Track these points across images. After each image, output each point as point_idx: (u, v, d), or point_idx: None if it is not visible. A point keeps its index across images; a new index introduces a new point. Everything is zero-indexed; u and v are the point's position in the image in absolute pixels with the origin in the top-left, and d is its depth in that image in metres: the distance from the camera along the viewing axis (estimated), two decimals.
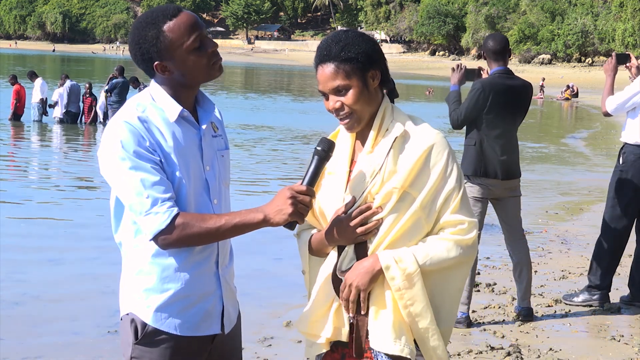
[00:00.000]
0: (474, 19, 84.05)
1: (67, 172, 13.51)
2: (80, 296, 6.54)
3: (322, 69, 2.52)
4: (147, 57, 2.50)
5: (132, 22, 2.72)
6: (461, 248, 2.49)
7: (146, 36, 2.48)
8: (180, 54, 2.48)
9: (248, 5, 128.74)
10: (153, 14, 2.50)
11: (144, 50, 2.49)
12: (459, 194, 2.51)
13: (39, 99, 20.93)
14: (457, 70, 5.94)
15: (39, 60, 74.20)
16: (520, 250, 5.94)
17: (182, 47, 2.47)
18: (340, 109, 2.52)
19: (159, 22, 2.48)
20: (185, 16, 2.49)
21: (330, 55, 2.50)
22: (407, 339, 2.48)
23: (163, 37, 2.47)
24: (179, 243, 2.45)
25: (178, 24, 2.48)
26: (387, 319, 2.48)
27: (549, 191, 12.94)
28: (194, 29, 2.49)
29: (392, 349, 2.46)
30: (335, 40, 2.52)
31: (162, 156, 2.47)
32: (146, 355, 2.54)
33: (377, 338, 2.48)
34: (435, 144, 2.50)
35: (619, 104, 6.26)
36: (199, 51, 2.50)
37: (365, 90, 2.51)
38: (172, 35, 2.47)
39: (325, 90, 2.53)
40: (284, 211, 2.41)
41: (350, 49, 2.49)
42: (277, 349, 5.34)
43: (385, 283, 2.49)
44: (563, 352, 5.30)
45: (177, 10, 2.50)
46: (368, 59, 2.51)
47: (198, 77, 2.54)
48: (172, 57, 2.48)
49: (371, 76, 2.52)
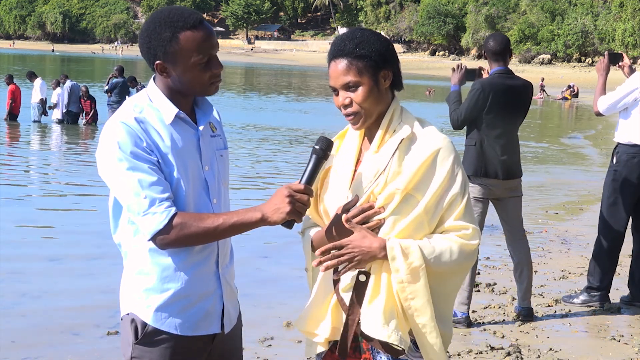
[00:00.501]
0: (474, 19, 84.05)
1: (67, 172, 13.52)
2: (80, 296, 6.54)
3: (335, 64, 2.52)
4: (152, 53, 2.49)
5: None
6: (464, 253, 2.48)
7: (160, 35, 2.46)
8: (185, 65, 2.47)
9: (248, 5, 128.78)
10: (175, 16, 2.47)
11: (152, 46, 2.49)
12: (464, 199, 2.51)
13: (38, 99, 20.93)
14: (457, 71, 5.94)
15: (37, 60, 74.19)
16: (521, 250, 5.94)
17: (189, 60, 2.47)
18: (349, 105, 2.52)
19: (177, 27, 2.45)
20: (204, 32, 2.47)
21: (344, 51, 2.50)
22: (397, 325, 2.45)
23: (175, 43, 2.45)
24: (177, 243, 2.45)
25: (194, 38, 2.46)
26: (379, 304, 2.46)
27: (549, 191, 12.94)
28: (207, 49, 2.48)
29: (380, 334, 2.44)
30: (351, 37, 2.52)
31: (160, 156, 2.47)
32: (146, 355, 2.54)
33: (368, 323, 2.46)
34: (441, 148, 2.49)
35: (610, 104, 6.26)
36: (204, 68, 2.49)
37: (375, 89, 2.51)
38: (184, 45, 2.45)
39: (336, 86, 2.53)
40: (281, 210, 2.41)
41: (365, 47, 2.49)
42: (277, 349, 5.33)
43: (383, 270, 2.47)
44: (563, 352, 5.30)
45: (199, 22, 2.48)
46: (381, 58, 2.51)
47: (194, 90, 2.54)
48: (176, 64, 2.48)
49: (383, 76, 2.52)
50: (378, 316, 2.45)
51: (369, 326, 2.45)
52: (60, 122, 20.76)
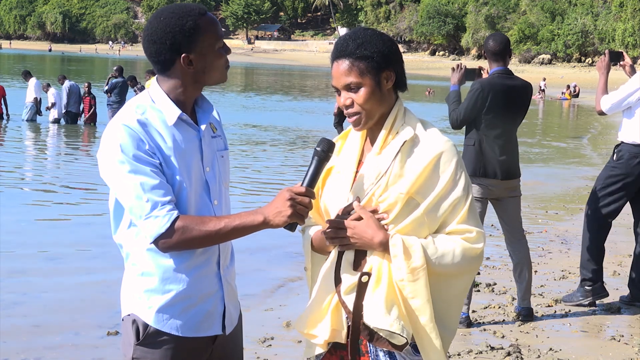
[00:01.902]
0: (474, 19, 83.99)
1: (67, 172, 13.51)
2: (81, 297, 6.54)
3: (337, 65, 2.52)
4: (176, 47, 2.48)
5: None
6: (467, 256, 2.47)
7: (182, 26, 2.47)
8: (209, 51, 2.50)
9: (248, 5, 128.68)
10: (185, 8, 2.50)
11: (176, 40, 2.47)
12: (467, 203, 2.50)
13: (32, 98, 20.85)
14: (457, 70, 5.94)
15: (32, 60, 74.04)
16: (521, 250, 5.94)
17: (213, 46, 2.50)
18: (350, 105, 2.52)
19: (194, 15, 2.48)
20: (211, 18, 2.53)
21: (346, 51, 2.50)
22: (399, 315, 2.44)
23: (199, 30, 2.48)
24: (179, 246, 2.46)
25: (210, 23, 2.51)
26: (380, 296, 2.45)
27: (549, 191, 12.94)
28: (219, 31, 2.54)
29: (382, 323, 2.43)
30: (353, 37, 2.52)
31: (162, 159, 2.47)
32: (148, 356, 2.54)
33: (370, 313, 2.45)
34: (444, 151, 2.49)
35: (613, 103, 6.27)
36: (221, 52, 2.53)
37: (377, 90, 2.50)
38: (206, 31, 2.49)
39: (338, 86, 2.53)
40: (283, 213, 2.41)
41: (367, 47, 2.49)
42: (277, 349, 5.34)
43: (384, 265, 2.47)
44: (563, 352, 5.30)
45: (204, 9, 2.53)
46: (384, 59, 2.50)
47: (215, 76, 2.55)
48: (202, 52, 2.49)
49: (385, 77, 2.51)
50: (380, 306, 2.44)
51: (371, 317, 2.45)
52: (56, 121, 20.70)
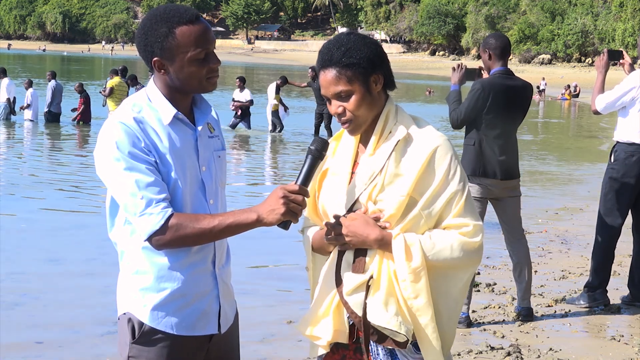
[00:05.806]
0: (474, 19, 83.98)
1: (65, 172, 13.49)
2: (80, 296, 6.54)
3: (324, 74, 2.50)
4: (150, 50, 2.49)
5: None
6: (465, 250, 2.47)
7: (156, 31, 2.46)
8: (181, 60, 2.47)
9: (248, 5, 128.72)
10: (170, 12, 2.48)
11: (149, 43, 2.48)
12: (463, 197, 2.49)
13: (5, 98, 20.74)
14: (457, 70, 5.94)
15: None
16: (520, 250, 5.94)
17: (185, 55, 2.46)
18: (342, 114, 2.51)
19: (173, 22, 2.46)
20: (200, 27, 2.48)
21: (332, 60, 2.48)
22: (397, 312, 2.45)
23: (172, 37, 2.45)
24: (173, 244, 2.45)
25: (190, 32, 2.46)
26: (380, 294, 2.46)
27: (549, 191, 12.94)
28: (204, 43, 2.48)
29: (380, 320, 2.44)
30: (337, 45, 2.50)
31: (158, 157, 2.47)
32: (143, 355, 2.54)
33: (372, 311, 2.46)
34: (438, 146, 2.48)
35: (608, 103, 6.25)
36: (201, 63, 2.49)
37: (367, 95, 2.49)
38: (180, 40, 2.45)
39: (328, 95, 2.52)
40: (276, 211, 2.41)
41: (352, 54, 2.47)
42: (277, 347, 5.34)
43: (383, 265, 2.47)
44: (563, 352, 5.30)
45: (195, 17, 2.48)
46: (370, 64, 2.49)
47: (191, 86, 2.53)
48: (173, 59, 2.48)
49: (374, 80, 2.50)
50: (379, 304, 2.45)
51: (374, 315, 2.45)
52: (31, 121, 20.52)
